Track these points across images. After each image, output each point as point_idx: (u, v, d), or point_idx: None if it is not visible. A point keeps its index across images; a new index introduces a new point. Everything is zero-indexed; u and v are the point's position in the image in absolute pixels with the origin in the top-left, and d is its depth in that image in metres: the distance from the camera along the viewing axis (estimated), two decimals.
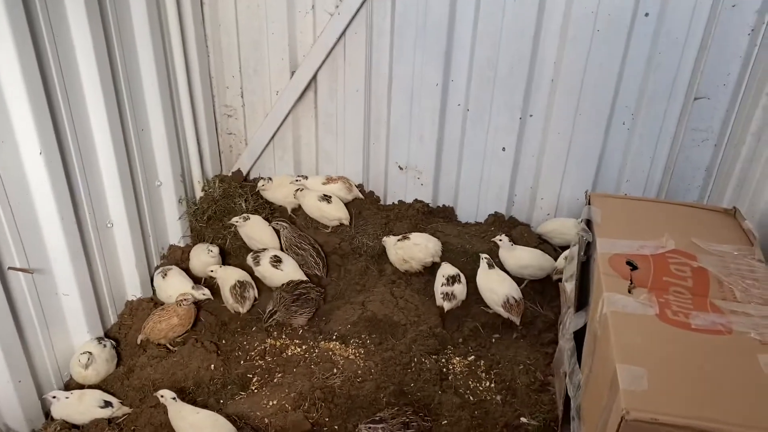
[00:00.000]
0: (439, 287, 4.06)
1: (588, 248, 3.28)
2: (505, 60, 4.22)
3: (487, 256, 4.09)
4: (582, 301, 3.29)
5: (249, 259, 4.31)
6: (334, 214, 4.65)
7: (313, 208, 4.66)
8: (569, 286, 3.24)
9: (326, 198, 4.66)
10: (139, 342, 3.89)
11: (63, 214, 3.40)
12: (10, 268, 3.21)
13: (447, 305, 3.99)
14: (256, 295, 4.24)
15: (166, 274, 4.20)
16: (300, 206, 4.78)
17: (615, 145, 4.34)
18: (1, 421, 3.32)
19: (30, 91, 3.07)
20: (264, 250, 4.36)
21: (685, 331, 2.48)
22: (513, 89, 4.31)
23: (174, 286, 4.13)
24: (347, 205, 4.82)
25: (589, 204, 3.36)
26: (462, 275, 4.09)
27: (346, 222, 4.69)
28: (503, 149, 4.49)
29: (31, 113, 3.10)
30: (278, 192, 4.84)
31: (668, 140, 4.20)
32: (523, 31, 4.10)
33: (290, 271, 4.23)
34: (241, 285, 4.13)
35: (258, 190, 4.87)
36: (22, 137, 3.13)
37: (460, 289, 4.04)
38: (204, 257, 4.32)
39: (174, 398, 3.28)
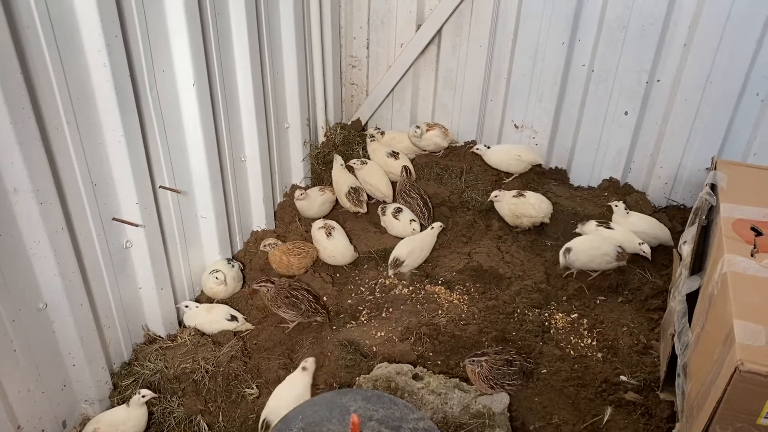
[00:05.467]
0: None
1: (710, 213, 3.24)
2: (637, 22, 4.14)
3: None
4: (697, 266, 3.27)
5: (378, 210, 4.58)
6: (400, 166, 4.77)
7: (383, 164, 4.84)
8: (686, 249, 3.22)
9: (394, 154, 4.83)
10: (263, 245, 4.18)
11: (207, 143, 3.74)
12: (161, 186, 3.60)
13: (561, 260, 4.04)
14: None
15: (330, 233, 4.27)
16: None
17: (745, 117, 4.16)
18: (143, 322, 3.77)
19: (190, 29, 3.38)
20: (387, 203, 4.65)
21: None
22: (642, 52, 4.22)
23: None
24: (446, 150, 5.03)
25: (715, 169, 3.30)
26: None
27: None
28: (626, 113, 4.43)
29: (189, 48, 3.42)
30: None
31: None
32: None
33: (406, 222, 4.42)
34: (355, 190, 4.61)
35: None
36: (179, 68, 3.47)
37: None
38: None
39: None
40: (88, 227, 3.16)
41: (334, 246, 4.20)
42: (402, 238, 4.40)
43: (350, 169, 4.78)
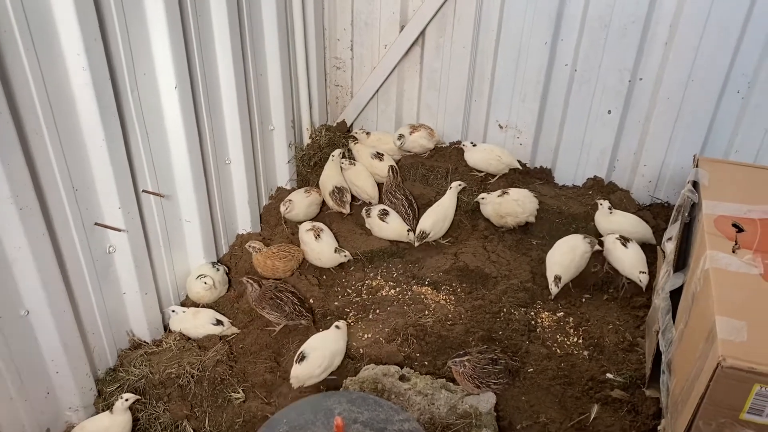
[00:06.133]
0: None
1: (692, 210, 3.26)
2: (619, 20, 4.16)
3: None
4: (681, 263, 3.29)
5: (363, 212, 4.55)
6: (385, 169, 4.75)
7: (368, 165, 4.85)
8: (670, 247, 3.24)
9: (379, 155, 4.83)
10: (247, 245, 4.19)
11: (190, 146, 3.72)
12: (144, 190, 3.57)
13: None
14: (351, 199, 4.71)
15: (318, 235, 4.26)
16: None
17: (727, 114, 4.19)
18: (128, 328, 3.74)
19: (171, 31, 3.36)
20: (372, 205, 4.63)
21: None
22: (624, 51, 4.23)
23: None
24: (432, 151, 5.01)
25: (697, 166, 3.32)
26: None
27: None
28: (609, 112, 4.45)
29: (170, 50, 3.40)
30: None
31: None
32: None
33: (396, 226, 4.41)
34: (339, 190, 4.61)
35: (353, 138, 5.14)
36: (160, 71, 3.44)
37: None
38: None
39: None
40: (70, 232, 3.13)
41: (322, 248, 4.19)
42: (389, 240, 4.40)
43: None
